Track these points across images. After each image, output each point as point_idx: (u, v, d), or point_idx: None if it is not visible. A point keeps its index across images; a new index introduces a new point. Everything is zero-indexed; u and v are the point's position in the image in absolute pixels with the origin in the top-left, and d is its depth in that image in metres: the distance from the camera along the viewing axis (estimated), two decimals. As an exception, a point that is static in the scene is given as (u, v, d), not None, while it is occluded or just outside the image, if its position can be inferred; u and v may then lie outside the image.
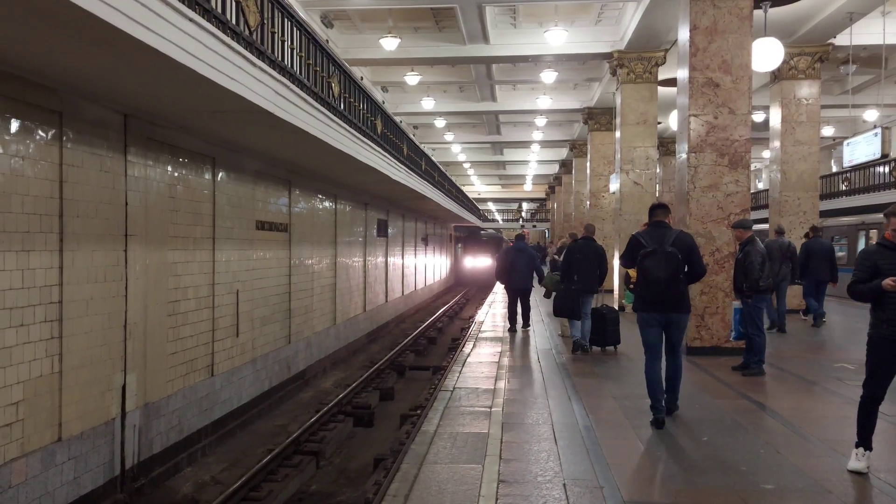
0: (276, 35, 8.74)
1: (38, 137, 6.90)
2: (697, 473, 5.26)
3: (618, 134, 17.60)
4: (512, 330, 13.16)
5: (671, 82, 14.83)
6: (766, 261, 8.80)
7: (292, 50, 9.45)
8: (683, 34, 10.72)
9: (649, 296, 6.48)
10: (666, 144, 26.56)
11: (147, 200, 8.83)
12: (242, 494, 8.46)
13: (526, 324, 13.56)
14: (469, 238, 49.56)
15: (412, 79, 21.25)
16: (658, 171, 22.10)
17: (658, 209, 6.81)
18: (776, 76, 16.44)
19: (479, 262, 47.59)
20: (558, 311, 10.93)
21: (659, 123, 18.52)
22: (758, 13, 11.78)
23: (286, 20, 9.18)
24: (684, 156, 10.58)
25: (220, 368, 10.85)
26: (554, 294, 11.38)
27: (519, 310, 13.29)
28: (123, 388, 8.29)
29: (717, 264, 10.14)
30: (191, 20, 6.05)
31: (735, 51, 10.29)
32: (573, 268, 10.61)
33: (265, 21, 8.31)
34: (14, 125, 6.56)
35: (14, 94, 6.48)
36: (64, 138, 7.23)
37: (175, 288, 9.54)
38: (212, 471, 9.70)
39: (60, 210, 7.18)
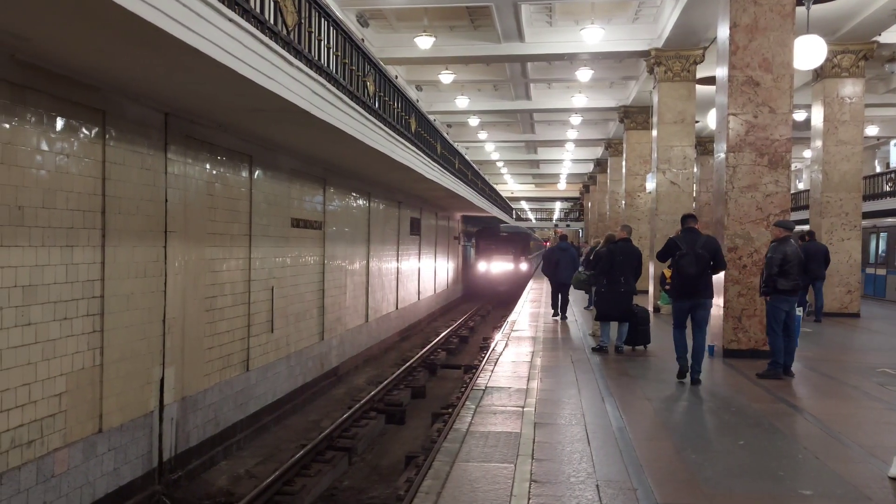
0: (312, 34, 8.82)
1: (82, 136, 7.07)
2: (733, 477, 5.19)
3: (654, 133, 17.40)
4: (555, 316, 15.15)
5: (710, 80, 14.62)
6: (790, 262, 8.56)
7: (329, 49, 9.53)
8: (723, 32, 10.55)
9: (683, 287, 8.39)
10: (704, 144, 26.18)
11: (186, 198, 8.99)
12: (276, 488, 8.57)
13: (564, 315, 14.91)
14: (484, 235, 37.64)
15: (446, 77, 21.26)
16: (695, 170, 21.79)
17: (688, 218, 8.72)
18: (818, 74, 16.08)
19: (499, 266, 35.52)
20: (607, 315, 10.68)
21: (697, 122, 18.25)
22: (800, 10, 11.54)
23: (323, 20, 9.26)
24: (723, 155, 10.42)
25: (255, 364, 11.00)
26: (594, 297, 11.30)
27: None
28: (162, 381, 8.46)
29: (756, 266, 9.96)
30: (230, 20, 6.14)
31: (776, 49, 10.10)
32: (617, 269, 10.47)
33: (302, 21, 8.40)
34: (60, 123, 6.73)
35: (60, 93, 6.65)
36: (107, 136, 7.40)
37: (212, 284, 9.70)
38: (246, 464, 9.85)
39: (103, 207, 7.35)
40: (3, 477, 6.05)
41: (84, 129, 7.10)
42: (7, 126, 6.06)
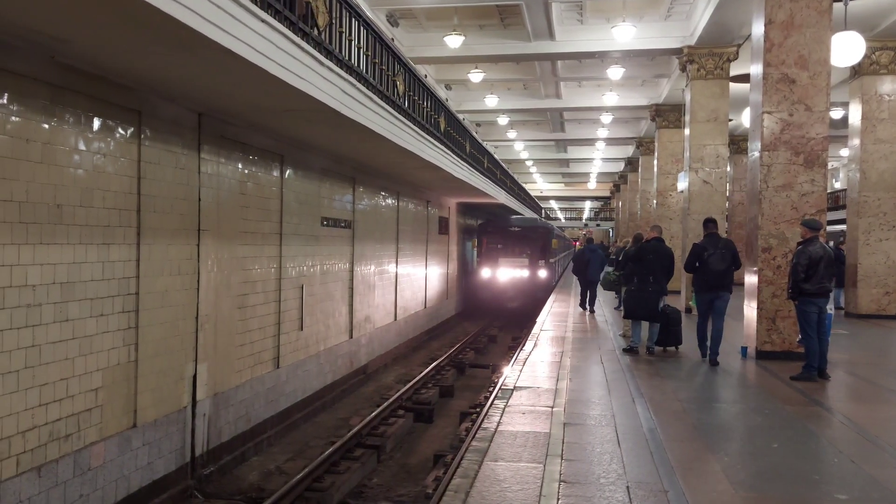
0: (343, 34, 8.87)
1: (118, 135, 7.20)
2: (766, 480, 5.11)
3: (687, 131, 17.20)
4: (582, 308, 16.44)
5: (744, 78, 14.41)
6: (815, 264, 8.42)
7: (359, 49, 9.58)
8: (758, 29, 10.39)
9: (707, 282, 9.77)
10: (737, 142, 25.80)
11: (219, 197, 9.11)
12: (306, 485, 8.64)
13: (592, 308, 16.23)
14: (489, 230, 27.35)
15: (476, 76, 21.25)
16: (728, 169, 21.49)
17: (710, 223, 10.10)
18: (856, 71, 15.75)
19: (507, 272, 25.78)
20: (634, 314, 10.68)
21: (730, 121, 18.00)
22: (837, 6, 11.31)
23: (353, 20, 9.31)
24: (757, 154, 10.26)
25: (285, 361, 11.11)
26: (623, 296, 11.29)
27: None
28: (194, 377, 8.58)
29: (791, 266, 9.79)
30: (263, 21, 6.20)
31: (813, 45, 9.92)
32: (647, 269, 10.42)
33: (333, 21, 8.46)
34: (96, 123, 6.86)
35: (97, 94, 6.78)
36: (142, 136, 7.53)
37: (244, 282, 9.81)
38: (277, 460, 9.95)
39: (138, 205, 7.48)
40: (42, 469, 6.19)
41: (120, 129, 7.23)
42: (46, 126, 6.19)
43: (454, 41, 17.28)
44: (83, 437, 6.73)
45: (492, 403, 7.53)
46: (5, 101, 5.75)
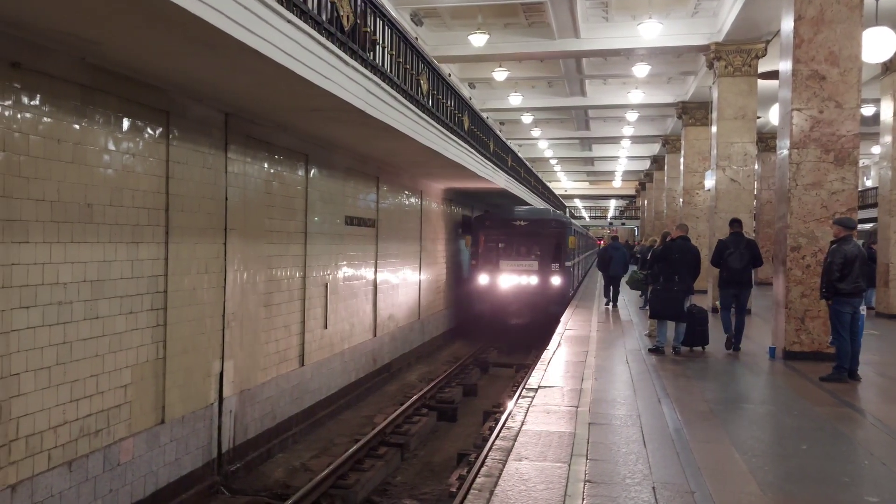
0: (368, 34, 8.90)
1: (146, 135, 7.30)
2: (795, 482, 5.04)
3: (714, 129, 17.01)
4: (606, 305, 17.32)
5: (772, 75, 14.21)
6: (850, 263, 8.28)
7: (383, 48, 9.61)
8: (787, 25, 10.24)
9: (730, 278, 10.63)
10: (765, 140, 25.45)
11: (245, 196, 9.20)
12: (331, 482, 8.70)
13: (615, 304, 17.23)
14: (488, 224, 21.26)
15: (500, 74, 21.20)
16: (756, 167, 21.21)
17: (735, 223, 10.97)
18: (888, 67, 15.46)
19: (513, 278, 20.21)
20: (659, 313, 10.64)
21: (758, 118, 17.76)
22: (868, 1, 11.11)
23: (378, 19, 9.34)
24: (786, 152, 10.12)
25: (310, 359, 11.19)
26: (649, 295, 11.26)
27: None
28: (221, 374, 8.67)
29: (820, 266, 9.64)
30: (289, 21, 6.25)
31: (843, 41, 9.75)
32: (673, 268, 10.34)
33: (358, 21, 8.49)
34: (126, 124, 6.96)
35: (127, 94, 6.88)
36: (170, 136, 7.62)
37: (269, 280, 9.90)
38: (302, 457, 10.02)
39: (166, 204, 7.57)
40: (73, 464, 6.31)
41: (149, 129, 7.33)
42: (77, 127, 6.30)
43: (478, 40, 17.27)
44: (112, 433, 6.84)
45: (516, 402, 7.51)
46: (38, 102, 5.86)
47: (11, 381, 5.65)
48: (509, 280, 19.98)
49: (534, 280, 19.93)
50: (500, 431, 6.36)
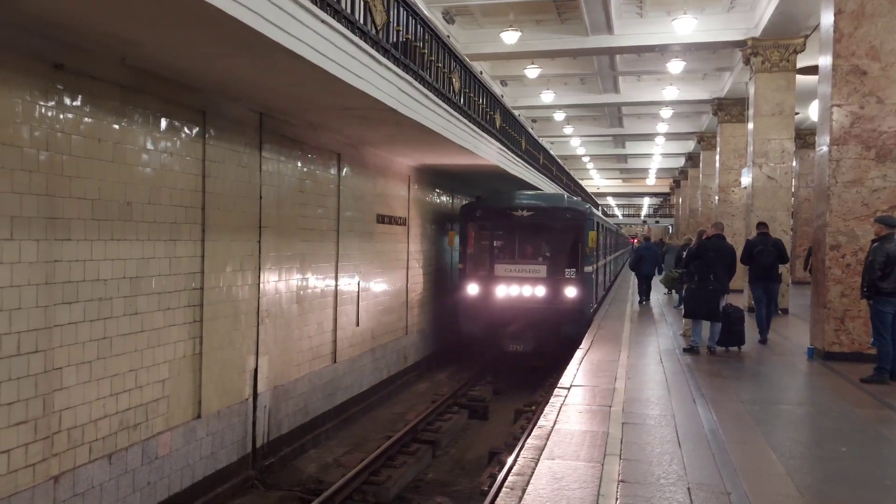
0: (400, 32, 8.94)
1: (184, 135, 7.43)
2: (835, 485, 4.95)
3: (750, 126, 16.72)
4: (640, 302, 17.72)
5: (811, 70, 13.94)
6: (892, 262, 8.09)
7: (416, 47, 9.63)
8: (827, 19, 10.03)
9: (759, 274, 11.63)
10: (803, 136, 24.95)
11: (279, 194, 9.30)
12: (363, 478, 8.77)
13: (648, 300, 17.87)
14: (479, 213, 15.54)
15: (532, 72, 21.11)
16: (794, 164, 20.82)
17: (762, 224, 12.19)
18: (932, 61, 15.03)
19: (513, 288, 14.70)
20: (694, 313, 10.51)
21: (796, 114, 17.42)
22: (912, -7, 10.83)
23: (410, 18, 9.37)
24: (825, 149, 9.91)
25: (342, 356, 11.27)
26: (683, 294, 11.15)
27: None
28: (255, 370, 8.79)
29: (861, 265, 9.43)
30: (322, 21, 6.30)
31: (885, 35, 9.52)
32: (709, 266, 10.21)
33: (391, 20, 8.53)
34: (164, 123, 7.09)
35: (165, 94, 7.01)
36: (206, 136, 7.74)
37: (303, 277, 9.99)
38: (334, 453, 10.11)
39: (203, 203, 7.69)
40: (113, 457, 6.45)
41: (186, 129, 7.45)
42: (117, 126, 6.43)
43: (510, 37, 17.21)
44: (151, 427, 6.98)
45: (548, 401, 7.48)
46: (80, 103, 5.99)
47: (54, 375, 5.80)
48: (507, 291, 14.59)
49: (540, 291, 14.46)
50: (532, 430, 6.33)
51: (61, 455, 5.91)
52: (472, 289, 14.85)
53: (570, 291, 14.42)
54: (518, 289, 14.59)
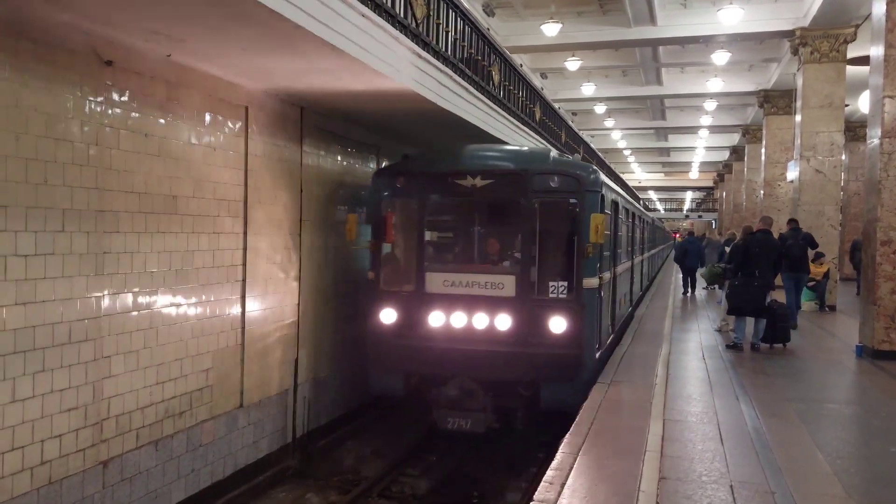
0: (440, 26, 8.92)
1: (227, 130, 7.54)
2: (884, 486, 4.82)
3: (798, 118, 16.32)
4: (684, 293, 19.02)
5: (862, 60, 13.52)
6: None
7: (455, 40, 9.61)
8: (879, 7, 9.73)
9: (791, 265, 12.19)
10: (853, 129, 24.24)
11: (319, 188, 9.38)
12: (400, 470, 8.82)
13: (693, 291, 19.13)
14: (402, 182, 8.72)
15: (573, 64, 20.91)
16: (843, 158, 20.26)
17: (792, 220, 13.30)
18: None
19: (460, 316, 8.15)
20: (739, 310, 10.23)
21: (846, 106, 16.94)
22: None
23: (451, 10, 9.34)
24: (876, 141, 9.62)
25: (382, 348, 11.31)
26: (726, 290, 10.91)
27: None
28: (296, 361, 8.90)
29: (914, 261, 9.18)
30: (362, 15, 6.32)
31: (941, 22, 9.20)
32: (753, 262, 9.98)
33: (431, 13, 8.52)
34: (207, 118, 7.21)
35: (210, 90, 7.12)
36: (249, 130, 7.85)
37: (341, 270, 10.07)
38: (372, 445, 10.17)
39: (245, 196, 7.81)
40: (159, 444, 6.61)
41: (229, 124, 7.57)
42: (163, 121, 6.56)
43: (551, 29, 17.07)
44: (195, 415, 7.13)
45: (588, 397, 7.42)
46: (127, 99, 6.13)
47: (103, 363, 5.96)
48: (445, 320, 8.34)
49: (504, 322, 8.19)
50: (571, 426, 6.30)
51: (110, 441, 6.08)
52: (387, 315, 8.59)
53: (558, 323, 8.12)
54: (464, 317, 8.27)
